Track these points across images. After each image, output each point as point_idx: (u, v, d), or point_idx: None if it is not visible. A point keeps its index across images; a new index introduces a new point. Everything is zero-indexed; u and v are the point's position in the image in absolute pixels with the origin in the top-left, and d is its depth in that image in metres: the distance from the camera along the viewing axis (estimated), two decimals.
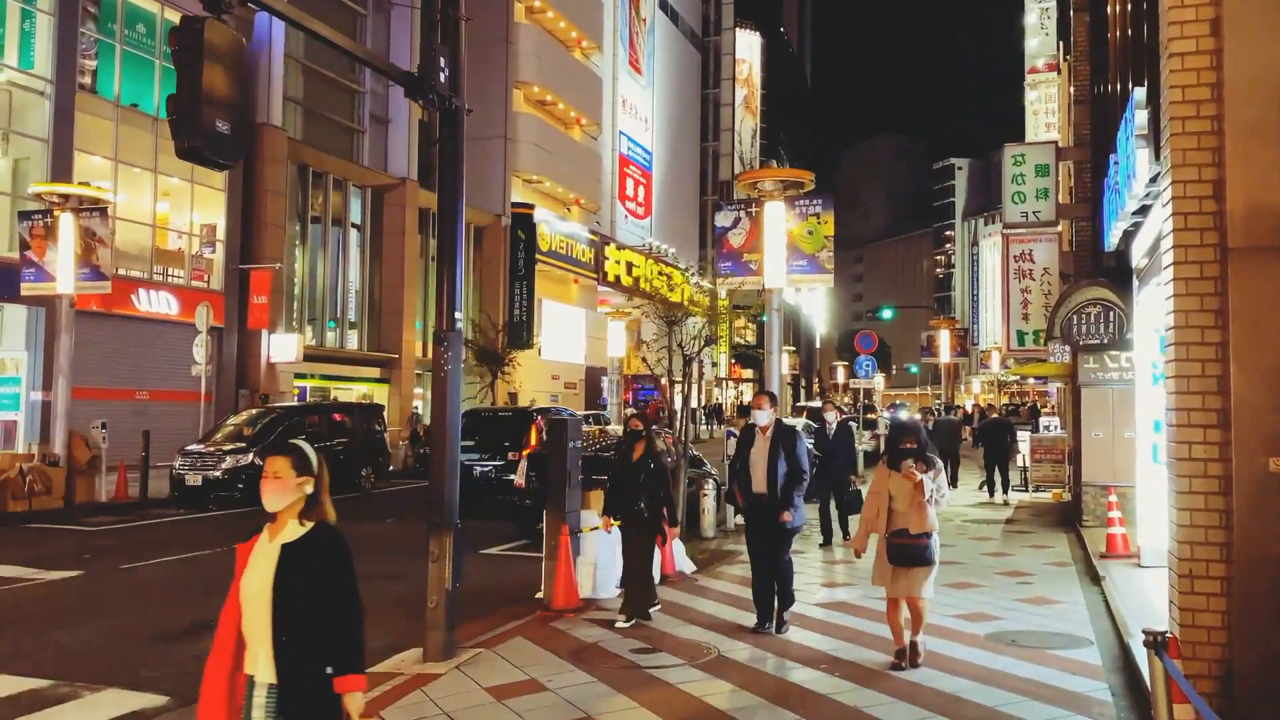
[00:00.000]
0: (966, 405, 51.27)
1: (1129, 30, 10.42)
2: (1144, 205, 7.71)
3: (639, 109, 50.54)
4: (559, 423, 8.88)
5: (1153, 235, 7.64)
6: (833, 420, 13.14)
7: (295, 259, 27.86)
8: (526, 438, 14.32)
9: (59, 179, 18.99)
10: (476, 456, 14.31)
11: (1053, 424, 20.92)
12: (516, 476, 13.33)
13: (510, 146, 36.26)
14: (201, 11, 5.18)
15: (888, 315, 46.92)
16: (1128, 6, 10.45)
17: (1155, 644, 3.74)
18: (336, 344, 29.56)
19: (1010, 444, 18.75)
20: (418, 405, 30.51)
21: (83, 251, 16.81)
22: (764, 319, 17.40)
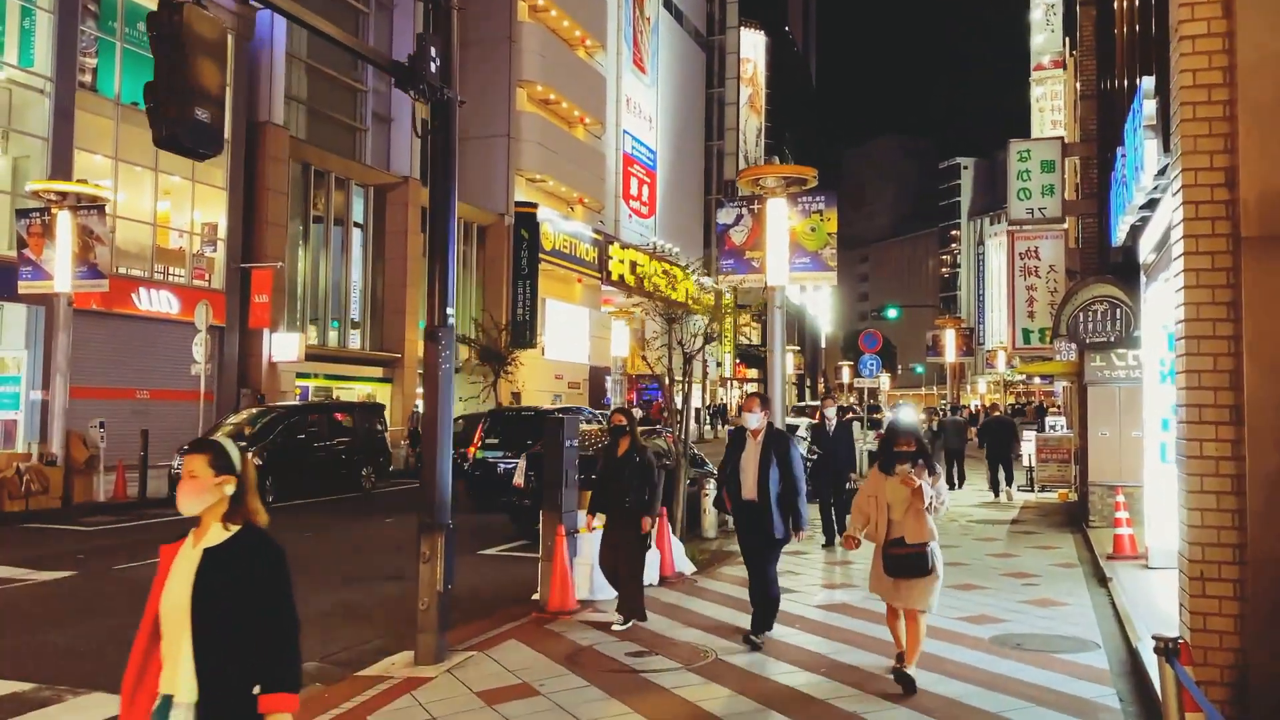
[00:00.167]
0: (973, 405, 51.05)
1: (1137, 24, 10.25)
2: (1152, 199, 7.54)
3: (643, 108, 50.40)
4: (555, 421, 8.73)
5: (1160, 229, 7.47)
6: (832, 416, 12.92)
7: (298, 258, 27.78)
8: None
9: (59, 177, 18.89)
10: (501, 454, 15.38)
11: (1058, 423, 20.77)
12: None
13: (514, 145, 36.13)
14: None
15: (892, 315, 46.61)
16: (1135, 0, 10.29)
17: (1166, 650, 3.57)
18: (339, 343, 29.49)
19: (1014, 442, 18.79)
20: (419, 405, 30.42)
21: (80, 250, 16.70)
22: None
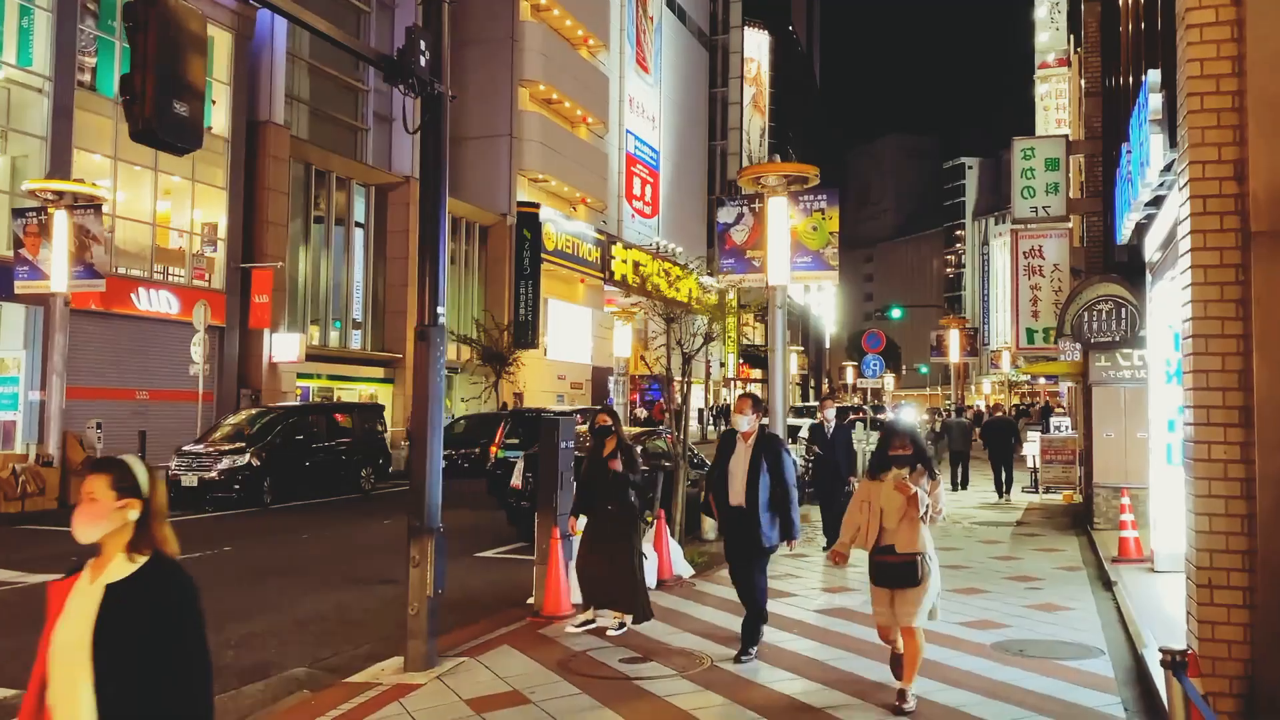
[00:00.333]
0: (978, 405, 50.81)
1: (1142, 20, 10.09)
2: (1157, 196, 7.38)
3: (646, 108, 50.25)
4: (550, 422, 8.59)
5: (1166, 227, 7.31)
6: (832, 418, 12.71)
7: (299, 258, 27.67)
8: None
9: (58, 177, 18.79)
10: (521, 454, 15.68)
11: (1063, 424, 20.59)
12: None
13: (516, 145, 36.01)
14: None
15: (896, 315, 46.56)
16: None
17: (1174, 664, 3.42)
18: (340, 344, 29.37)
19: (1014, 443, 18.72)
20: None
21: (77, 249, 16.62)
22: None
